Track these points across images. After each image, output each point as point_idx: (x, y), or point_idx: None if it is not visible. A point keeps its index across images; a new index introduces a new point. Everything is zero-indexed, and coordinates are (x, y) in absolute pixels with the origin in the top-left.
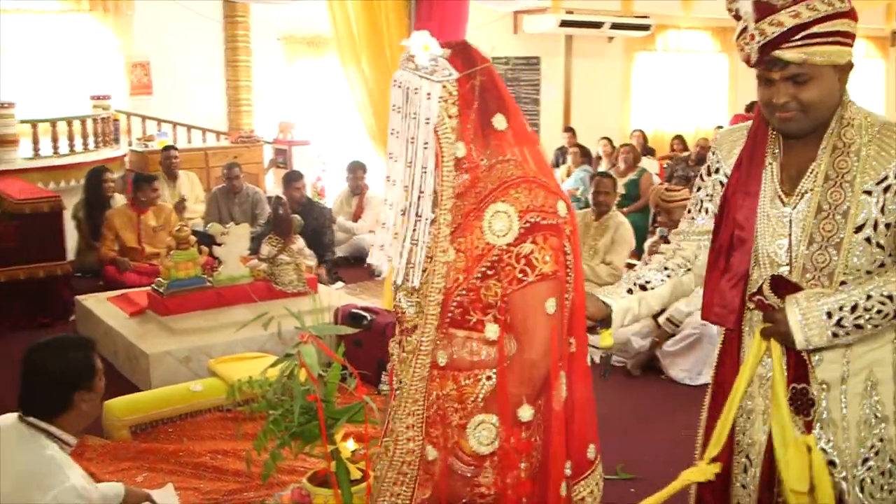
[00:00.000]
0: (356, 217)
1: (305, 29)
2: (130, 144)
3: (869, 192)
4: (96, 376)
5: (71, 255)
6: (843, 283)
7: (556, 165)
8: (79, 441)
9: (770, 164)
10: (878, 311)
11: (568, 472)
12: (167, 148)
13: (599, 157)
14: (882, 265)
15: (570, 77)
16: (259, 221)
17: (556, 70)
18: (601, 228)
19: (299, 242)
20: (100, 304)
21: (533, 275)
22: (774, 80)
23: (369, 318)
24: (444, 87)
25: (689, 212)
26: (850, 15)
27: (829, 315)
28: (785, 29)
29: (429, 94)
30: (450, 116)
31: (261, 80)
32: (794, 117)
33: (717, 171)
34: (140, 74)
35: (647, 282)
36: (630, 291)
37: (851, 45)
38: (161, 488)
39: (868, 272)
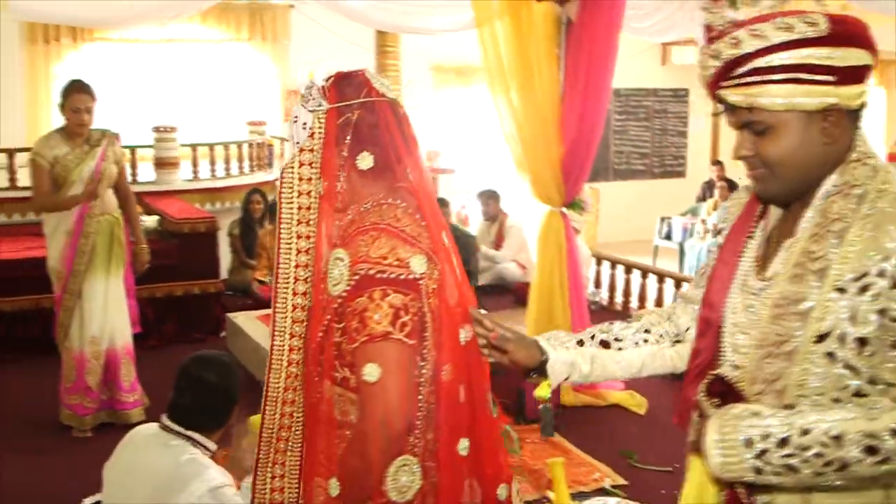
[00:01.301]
0: (497, 245)
1: (454, 58)
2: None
3: (842, 290)
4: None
5: (224, 273)
6: (788, 406)
7: (703, 199)
8: (222, 452)
9: (758, 232)
10: (818, 455)
11: None
12: None
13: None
14: (858, 394)
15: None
16: None
17: (704, 102)
18: None
19: None
20: (249, 322)
21: (363, 334)
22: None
23: None
24: (318, 118)
25: (696, 274)
26: (829, 41)
27: (749, 443)
28: (720, 63)
29: (304, 123)
30: (311, 150)
31: (409, 108)
32: (761, 177)
33: (719, 231)
34: (293, 102)
35: (617, 339)
36: (581, 343)
37: (837, 83)
38: None
39: (836, 400)
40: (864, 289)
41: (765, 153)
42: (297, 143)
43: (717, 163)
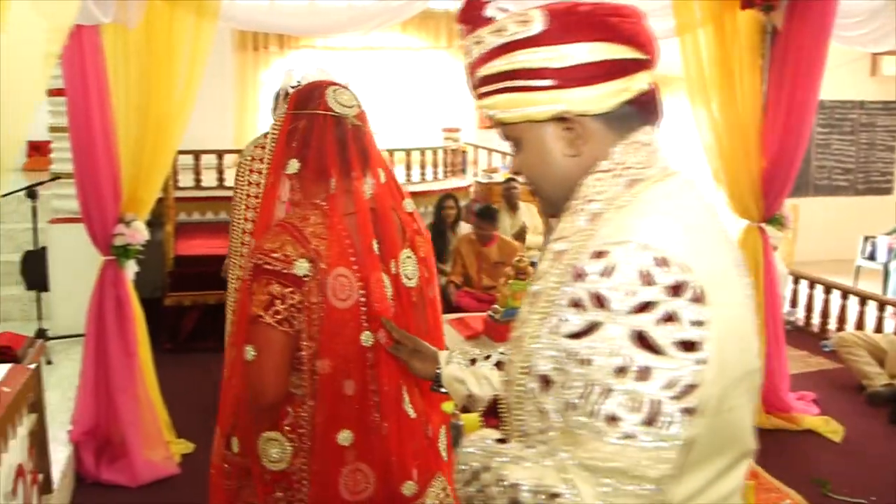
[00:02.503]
0: None
1: (658, 68)
2: (476, 175)
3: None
4: None
5: None
6: (500, 441)
7: None
8: None
9: None
10: (492, 497)
11: None
12: (509, 179)
13: None
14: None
15: None
16: None
17: None
18: None
19: None
20: None
21: (245, 316)
22: None
23: None
24: (276, 122)
25: None
26: (545, 40)
27: (463, 467)
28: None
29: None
30: (262, 147)
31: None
32: (532, 191)
33: None
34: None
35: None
36: (473, 362)
37: (560, 87)
38: None
39: (541, 434)
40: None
41: (518, 168)
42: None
43: None
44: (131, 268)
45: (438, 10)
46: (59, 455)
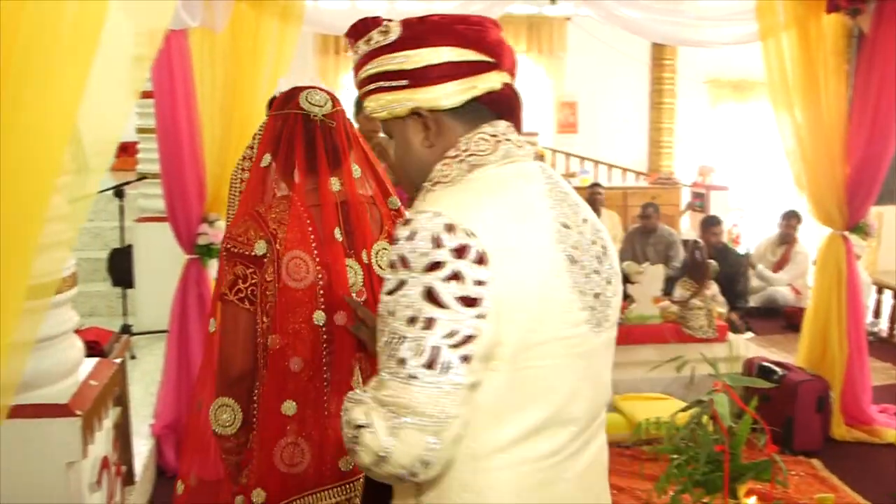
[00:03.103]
0: (778, 267)
1: (731, 72)
2: None
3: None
4: None
5: None
6: None
7: None
8: None
9: None
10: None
11: None
12: (594, 185)
13: None
14: None
15: None
16: (672, 263)
17: None
18: None
19: (713, 288)
20: None
21: (216, 294)
22: None
23: (780, 373)
24: (263, 123)
25: None
26: (400, 46)
27: (342, 414)
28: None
29: None
30: (251, 148)
31: (683, 122)
32: (398, 175)
33: None
34: (567, 113)
35: None
36: None
37: (411, 87)
38: None
39: None
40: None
41: (393, 156)
42: None
43: None
44: (214, 267)
45: (517, 15)
46: (142, 448)
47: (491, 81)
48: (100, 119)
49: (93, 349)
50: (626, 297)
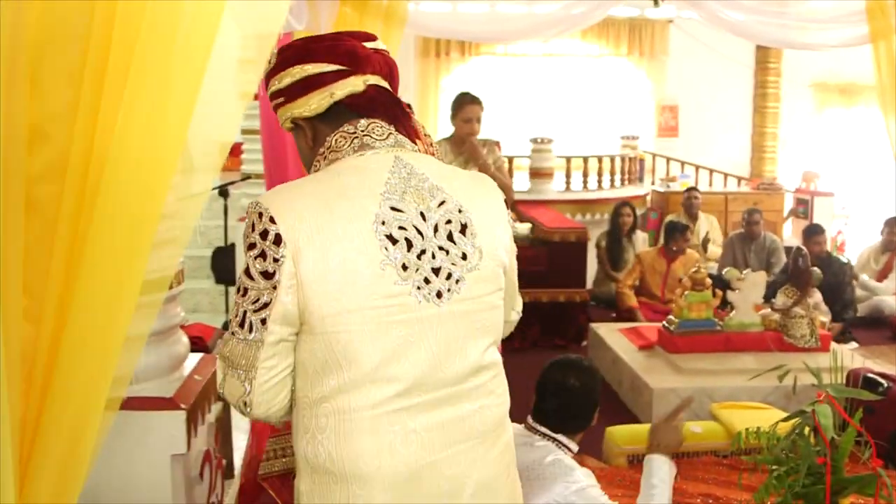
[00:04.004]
0: (882, 276)
1: (838, 76)
2: (653, 184)
3: None
4: None
5: (589, 283)
6: None
7: None
8: (578, 458)
9: None
10: None
11: None
12: (690, 189)
13: None
14: None
15: None
16: (774, 270)
17: None
18: None
19: (816, 296)
20: (611, 334)
21: None
22: None
23: (885, 385)
24: None
25: None
26: (274, 72)
27: None
28: None
29: None
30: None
31: (787, 127)
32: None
33: None
34: (668, 117)
35: None
36: None
37: (287, 102)
38: None
39: None
40: None
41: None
42: None
43: None
44: None
45: (619, 17)
46: (241, 443)
47: (350, 86)
48: (208, 121)
49: (196, 344)
50: (727, 304)
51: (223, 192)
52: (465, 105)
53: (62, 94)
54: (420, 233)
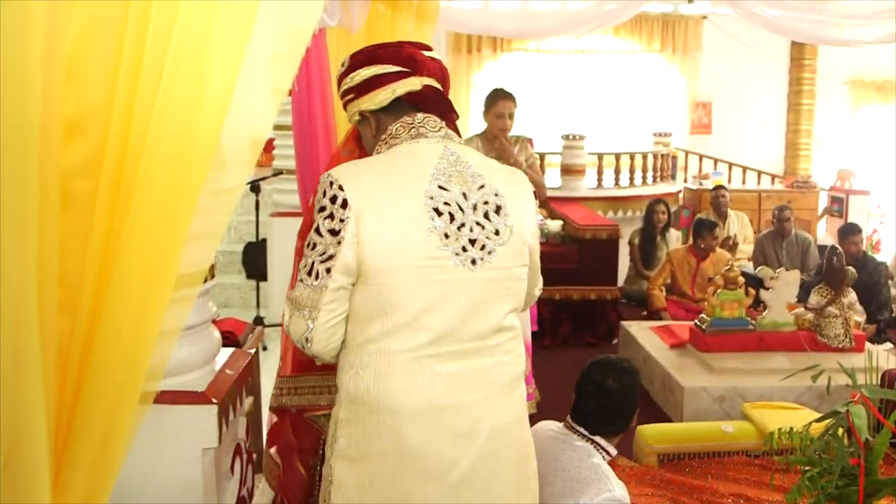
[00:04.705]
0: None
1: (874, 73)
2: (686, 181)
3: None
4: None
5: (620, 281)
6: None
7: None
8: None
9: None
10: None
11: None
12: (718, 187)
13: None
14: None
15: None
16: (806, 269)
17: None
18: None
19: (851, 296)
20: (643, 332)
21: None
22: None
23: None
24: None
25: None
26: (348, 71)
27: None
28: None
29: None
30: None
31: (822, 124)
32: None
33: None
34: (701, 114)
35: None
36: None
37: (357, 97)
38: None
39: None
40: None
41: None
42: None
43: None
44: None
45: (652, 14)
46: None
47: (410, 85)
48: (241, 116)
49: (228, 339)
50: (759, 303)
51: (255, 187)
52: (498, 100)
53: (98, 90)
54: (461, 209)
